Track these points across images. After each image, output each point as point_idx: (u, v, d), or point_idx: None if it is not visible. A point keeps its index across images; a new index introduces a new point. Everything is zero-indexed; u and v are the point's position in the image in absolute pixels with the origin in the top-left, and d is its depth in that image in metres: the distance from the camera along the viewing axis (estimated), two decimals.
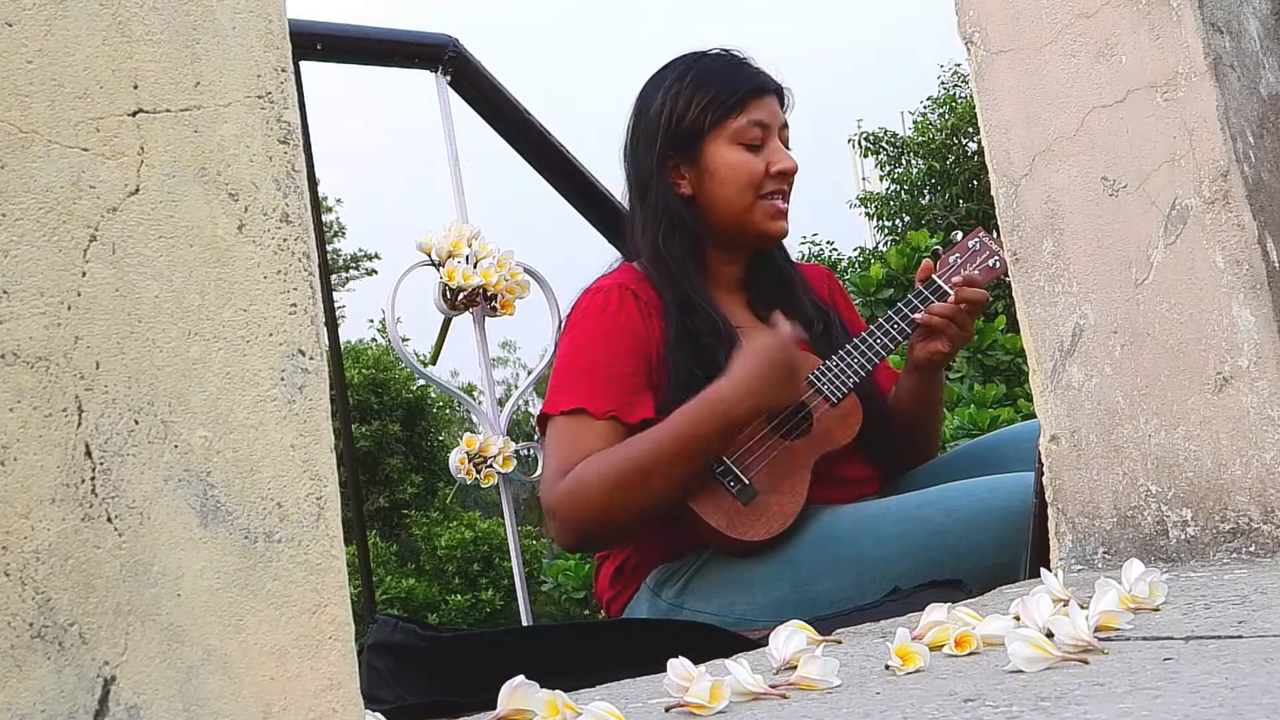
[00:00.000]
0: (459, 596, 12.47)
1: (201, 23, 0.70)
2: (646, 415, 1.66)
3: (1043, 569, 1.10)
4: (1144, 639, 0.88)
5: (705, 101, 1.78)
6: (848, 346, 1.75)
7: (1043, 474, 1.33)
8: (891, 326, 1.77)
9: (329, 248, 19.89)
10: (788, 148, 1.83)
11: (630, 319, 1.72)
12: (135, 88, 0.66)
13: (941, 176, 14.99)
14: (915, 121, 15.73)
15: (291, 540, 0.66)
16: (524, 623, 2.26)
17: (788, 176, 1.80)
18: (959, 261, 1.82)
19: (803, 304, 1.86)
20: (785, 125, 1.83)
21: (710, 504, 1.64)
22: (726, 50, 1.86)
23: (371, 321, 16.29)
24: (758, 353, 1.63)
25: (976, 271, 1.81)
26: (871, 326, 1.78)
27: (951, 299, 1.75)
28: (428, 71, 2.37)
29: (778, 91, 1.85)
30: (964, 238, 1.87)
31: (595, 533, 1.66)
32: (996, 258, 1.81)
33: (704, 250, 1.82)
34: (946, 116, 15.00)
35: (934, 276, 1.80)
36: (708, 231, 1.81)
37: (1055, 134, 1.31)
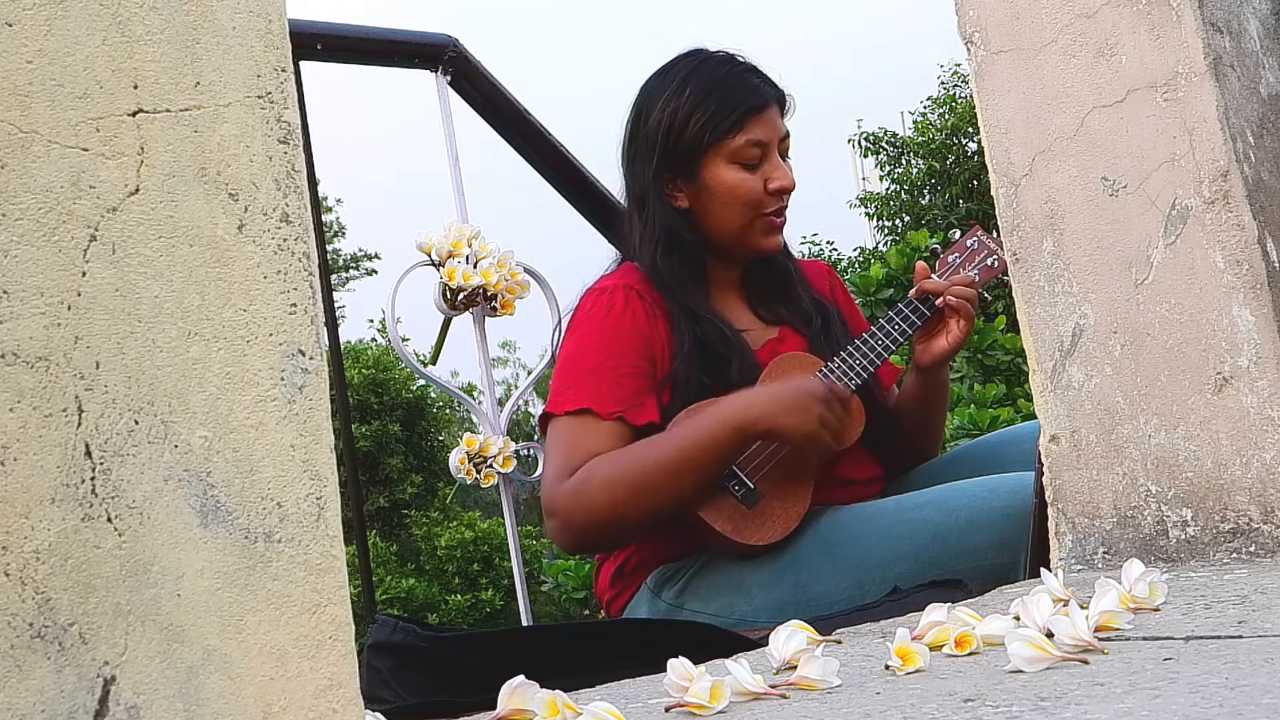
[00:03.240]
0: (459, 596, 12.48)
1: (201, 23, 0.70)
2: (652, 418, 1.66)
3: (1043, 569, 1.10)
4: (1144, 639, 0.88)
5: (703, 121, 1.75)
6: (849, 348, 1.75)
7: (1043, 474, 1.33)
8: (893, 327, 1.77)
9: (329, 248, 19.89)
10: (787, 158, 1.81)
11: (636, 320, 1.72)
12: (135, 88, 0.66)
13: (941, 176, 14.99)
14: (915, 121, 15.73)
15: (291, 540, 0.66)
16: (524, 623, 2.26)
17: (785, 194, 1.78)
18: (957, 261, 1.83)
19: (800, 299, 1.86)
20: (786, 136, 1.81)
21: (714, 508, 1.64)
22: (729, 56, 1.82)
23: (371, 321, 16.31)
24: (790, 384, 1.65)
25: (974, 272, 1.81)
26: (873, 327, 1.78)
27: (946, 281, 1.77)
28: (428, 71, 2.37)
29: (779, 100, 1.82)
30: (962, 236, 1.87)
31: (597, 535, 1.66)
32: (995, 256, 1.82)
33: (703, 260, 1.81)
34: (946, 116, 15.01)
35: (933, 277, 1.80)
36: (705, 244, 1.81)
37: (1055, 134, 1.31)
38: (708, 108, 1.75)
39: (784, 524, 1.65)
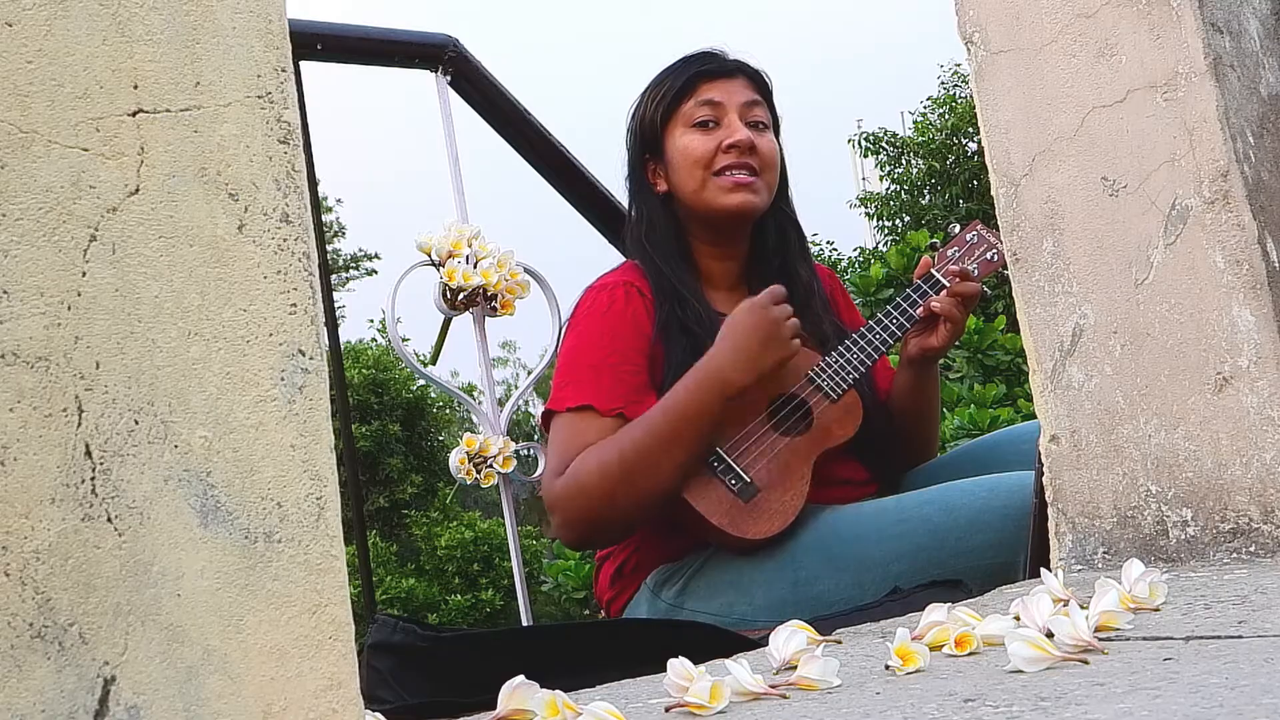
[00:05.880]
0: (459, 596, 12.48)
1: (201, 23, 0.70)
2: None
3: (1043, 569, 1.10)
4: (1144, 639, 0.88)
5: (659, 95, 1.85)
6: (846, 342, 1.75)
7: (1043, 474, 1.33)
8: (890, 322, 1.77)
9: (329, 248, 19.87)
10: (759, 127, 1.83)
11: (636, 316, 1.72)
12: (135, 88, 0.66)
13: (941, 176, 14.98)
14: (915, 121, 15.72)
15: (291, 540, 0.66)
16: (524, 623, 2.26)
17: (740, 149, 1.79)
18: (957, 255, 1.83)
19: (821, 321, 1.83)
20: (756, 103, 1.84)
21: (711, 502, 1.64)
22: (701, 50, 1.89)
23: (371, 321, 16.28)
24: (739, 317, 1.65)
25: (974, 265, 1.81)
26: (870, 322, 1.78)
27: (945, 292, 1.75)
28: (428, 71, 2.37)
29: (747, 73, 1.86)
30: (961, 230, 1.87)
31: (596, 525, 1.66)
32: (994, 250, 1.81)
33: (688, 244, 1.84)
34: (946, 116, 15.00)
35: (932, 270, 1.80)
36: (687, 223, 1.84)
37: (1055, 134, 1.30)
38: (664, 83, 1.86)
39: (781, 518, 1.65)
